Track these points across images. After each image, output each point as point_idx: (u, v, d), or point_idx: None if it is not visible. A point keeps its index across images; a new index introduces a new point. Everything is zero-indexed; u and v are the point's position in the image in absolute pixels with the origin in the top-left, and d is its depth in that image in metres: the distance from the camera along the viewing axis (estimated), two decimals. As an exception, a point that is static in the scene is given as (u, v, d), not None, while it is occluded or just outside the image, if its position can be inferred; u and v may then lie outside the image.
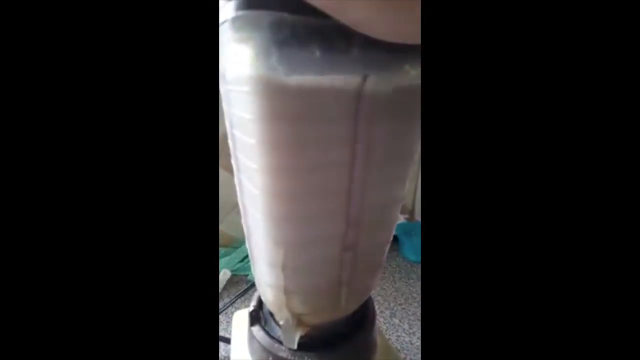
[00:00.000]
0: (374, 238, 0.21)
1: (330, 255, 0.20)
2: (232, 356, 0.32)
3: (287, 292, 0.21)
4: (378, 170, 0.18)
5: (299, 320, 0.23)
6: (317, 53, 0.14)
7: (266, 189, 0.17)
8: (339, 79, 0.15)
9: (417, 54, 0.15)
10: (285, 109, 0.15)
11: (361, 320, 0.27)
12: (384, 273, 0.63)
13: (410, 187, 0.88)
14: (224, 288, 0.56)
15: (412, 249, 0.68)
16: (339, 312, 0.24)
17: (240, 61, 0.15)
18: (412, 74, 0.16)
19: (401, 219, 0.82)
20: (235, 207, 0.65)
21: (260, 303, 0.29)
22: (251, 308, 0.28)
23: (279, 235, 0.19)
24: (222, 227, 0.66)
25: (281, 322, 0.24)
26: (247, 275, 0.60)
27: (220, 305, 0.53)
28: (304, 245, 0.19)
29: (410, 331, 0.49)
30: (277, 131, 0.16)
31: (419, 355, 0.45)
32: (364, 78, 0.15)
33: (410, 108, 0.17)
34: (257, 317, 0.28)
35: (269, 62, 0.14)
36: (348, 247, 0.20)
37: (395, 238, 0.74)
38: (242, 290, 0.56)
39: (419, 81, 0.16)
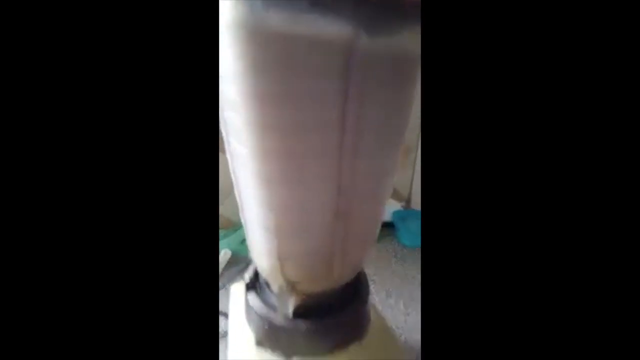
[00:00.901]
0: (365, 208, 0.21)
1: (322, 222, 0.20)
2: (230, 327, 0.33)
3: (280, 257, 0.22)
4: (369, 137, 0.18)
5: (292, 288, 0.24)
6: (305, 3, 0.14)
7: (255, 147, 0.17)
8: (327, 30, 0.14)
9: (414, 18, 0.15)
10: (271, 57, 0.15)
11: (354, 292, 0.28)
12: (381, 256, 0.64)
13: (406, 176, 0.88)
14: (225, 268, 0.57)
15: (407, 235, 0.68)
16: (332, 281, 0.24)
17: (228, 8, 0.14)
18: (411, 39, 0.16)
19: (397, 206, 0.82)
20: (233, 190, 0.66)
21: (256, 274, 0.30)
22: (247, 279, 0.29)
23: (270, 198, 0.19)
24: (221, 210, 0.66)
25: (275, 289, 0.25)
26: (246, 257, 0.61)
27: (220, 283, 0.54)
28: (295, 210, 0.20)
29: (405, 311, 0.50)
30: (263, 84, 0.15)
31: (413, 333, 0.46)
32: (355, 33, 0.15)
33: (405, 74, 0.18)
34: (253, 285, 0.29)
35: (256, 7, 0.14)
36: (340, 216, 0.20)
37: (392, 225, 0.75)
38: (241, 268, 0.57)
39: (415, 47, 0.16)
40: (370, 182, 0.21)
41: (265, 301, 0.27)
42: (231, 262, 0.59)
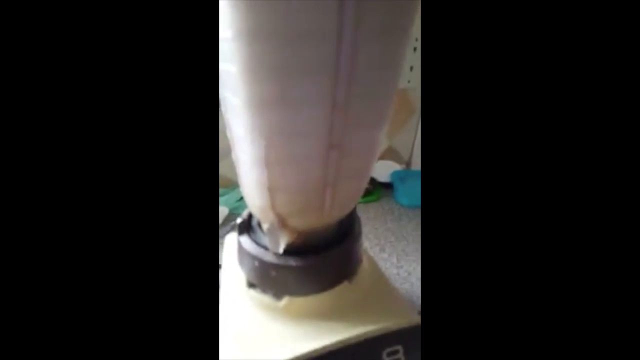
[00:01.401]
0: (361, 137, 0.20)
1: (315, 152, 0.20)
2: (222, 270, 0.34)
3: (271, 189, 0.21)
4: (367, 48, 0.17)
5: (283, 223, 0.24)
6: None
7: (242, 64, 0.16)
8: None
9: None
10: None
11: (346, 232, 0.28)
12: (377, 214, 0.64)
13: (408, 138, 0.87)
14: (222, 225, 0.58)
15: (405, 193, 0.68)
16: (323, 217, 0.24)
17: None
18: None
19: (397, 167, 0.82)
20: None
21: (249, 215, 0.30)
22: (239, 220, 0.29)
23: (261, 124, 0.18)
24: (220, 170, 0.66)
25: (266, 226, 0.25)
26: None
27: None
28: (286, 137, 0.19)
29: (398, 264, 0.51)
30: (256, 23, 0.14)
31: (405, 285, 0.48)
32: None
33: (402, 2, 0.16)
34: (246, 227, 0.29)
35: None
36: (334, 145, 0.20)
37: (390, 185, 0.75)
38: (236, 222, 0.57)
39: None
40: (367, 105, 0.19)
41: (256, 242, 0.28)
42: (228, 219, 0.60)
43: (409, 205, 0.68)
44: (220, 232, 0.57)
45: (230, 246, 0.38)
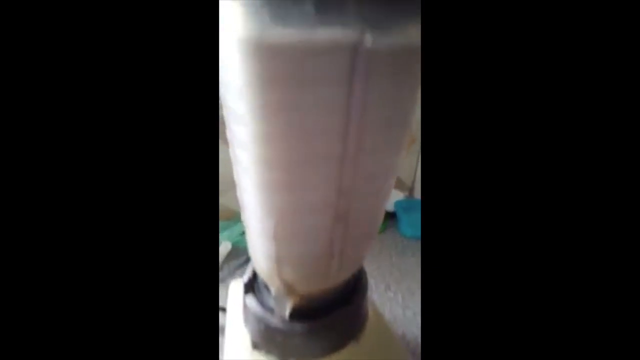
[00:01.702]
0: (366, 208, 0.21)
1: (322, 225, 0.20)
2: (227, 324, 0.33)
3: (278, 260, 0.21)
4: (372, 136, 0.17)
5: (290, 289, 0.24)
6: (311, 8, 0.13)
7: (257, 156, 0.17)
8: (333, 34, 0.14)
9: (416, 10, 0.15)
10: (276, 71, 0.14)
11: (352, 292, 0.28)
12: (381, 248, 0.64)
13: (410, 165, 0.87)
14: (225, 260, 0.58)
15: (409, 224, 0.68)
16: (330, 281, 0.24)
17: (231, 21, 0.14)
18: (413, 32, 0.15)
19: (401, 196, 0.82)
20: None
21: (254, 274, 0.30)
22: (246, 278, 0.29)
23: (270, 204, 0.18)
24: (224, 202, 0.66)
25: (273, 291, 0.25)
26: (246, 249, 0.61)
27: (220, 276, 0.54)
28: (295, 215, 0.19)
29: (404, 304, 0.51)
30: (268, 96, 0.15)
31: (411, 327, 0.47)
32: (361, 33, 0.14)
33: (409, 69, 0.17)
34: (251, 287, 0.29)
35: (259, 20, 0.13)
36: (340, 217, 0.20)
37: (394, 215, 0.74)
38: (241, 262, 0.57)
39: (419, 42, 0.15)
40: (372, 183, 0.20)
41: (262, 303, 0.27)
42: (232, 254, 0.59)
43: (413, 237, 0.67)
44: (225, 268, 0.56)
45: (235, 294, 0.37)
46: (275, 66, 0.14)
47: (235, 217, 0.69)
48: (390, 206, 0.76)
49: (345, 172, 0.17)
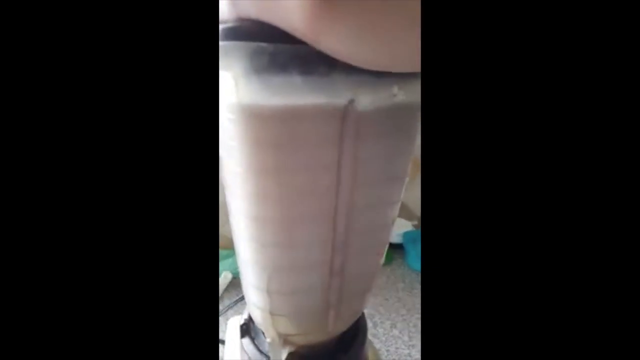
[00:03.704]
0: (362, 263, 0.20)
1: (317, 281, 0.20)
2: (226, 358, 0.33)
3: (273, 314, 0.21)
4: (364, 194, 0.17)
5: (285, 340, 0.23)
6: (298, 78, 0.14)
7: (251, 214, 0.17)
8: (321, 103, 0.15)
9: (405, 73, 0.15)
10: (268, 135, 0.15)
11: (351, 340, 0.27)
12: (387, 282, 0.62)
13: (417, 193, 0.86)
14: (225, 290, 0.57)
15: (418, 257, 0.66)
16: (327, 334, 0.23)
17: (223, 88, 0.14)
18: (399, 95, 0.16)
19: (409, 225, 0.80)
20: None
21: (251, 316, 0.29)
22: (242, 320, 0.28)
23: (264, 260, 0.18)
24: (224, 232, 0.66)
25: (268, 340, 0.24)
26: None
27: (221, 307, 0.53)
28: (289, 271, 0.19)
29: (410, 343, 0.48)
30: (260, 158, 0.15)
31: (418, 370, 0.44)
32: (349, 101, 0.15)
33: (398, 126, 0.17)
34: (247, 330, 0.28)
35: (249, 89, 0.14)
36: (335, 273, 0.20)
37: (401, 247, 0.72)
38: (241, 295, 0.56)
39: (406, 100, 0.16)
40: (366, 238, 0.20)
41: (258, 347, 0.26)
42: (232, 284, 0.59)
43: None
44: (226, 297, 0.55)
45: (233, 330, 0.37)
46: (266, 131, 0.14)
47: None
48: (398, 237, 0.74)
49: (338, 229, 0.17)
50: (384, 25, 0.11)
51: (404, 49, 0.12)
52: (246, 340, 0.27)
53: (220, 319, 0.50)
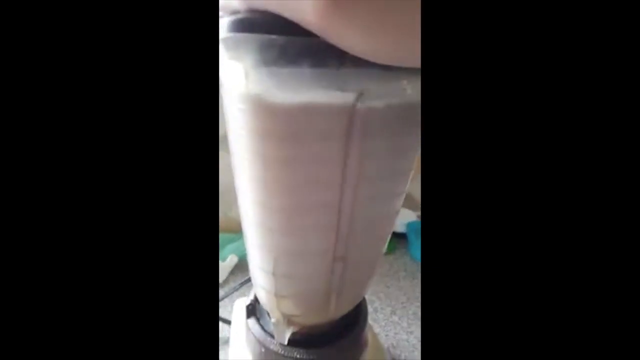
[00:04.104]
0: (364, 251, 0.21)
1: (320, 266, 0.20)
2: (231, 343, 0.34)
3: (277, 295, 0.22)
4: (370, 187, 0.18)
5: (289, 320, 0.24)
6: (308, 71, 0.14)
7: (258, 201, 0.17)
8: (331, 96, 0.15)
9: (415, 69, 0.15)
10: (276, 127, 0.15)
11: (352, 321, 0.28)
12: (389, 270, 0.63)
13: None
14: (231, 273, 0.59)
15: (420, 248, 0.67)
16: (329, 316, 0.24)
17: (233, 78, 0.15)
18: (408, 90, 0.16)
19: (413, 216, 0.81)
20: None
21: (256, 297, 0.30)
22: (248, 301, 0.30)
23: (271, 245, 0.19)
24: (234, 214, 0.67)
25: (273, 320, 0.25)
26: (254, 262, 0.62)
27: (227, 289, 0.55)
28: (294, 255, 0.20)
29: (409, 330, 0.50)
30: (268, 148, 0.16)
31: (415, 354, 0.46)
32: (358, 95, 0.15)
33: (405, 124, 0.17)
34: (253, 310, 0.29)
35: (259, 80, 0.14)
36: (338, 259, 0.20)
37: (405, 236, 0.73)
38: (247, 278, 0.58)
39: (415, 97, 0.16)
40: (370, 228, 0.20)
41: (263, 326, 0.28)
42: (238, 267, 0.60)
43: (423, 259, 0.66)
44: (230, 282, 0.57)
45: (239, 311, 0.38)
46: (274, 122, 0.15)
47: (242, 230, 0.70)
48: (402, 227, 0.75)
49: (342, 219, 0.18)
50: (396, 19, 0.12)
51: (415, 44, 0.12)
52: (252, 321, 0.29)
53: (227, 300, 0.52)
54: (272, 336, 0.27)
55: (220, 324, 0.46)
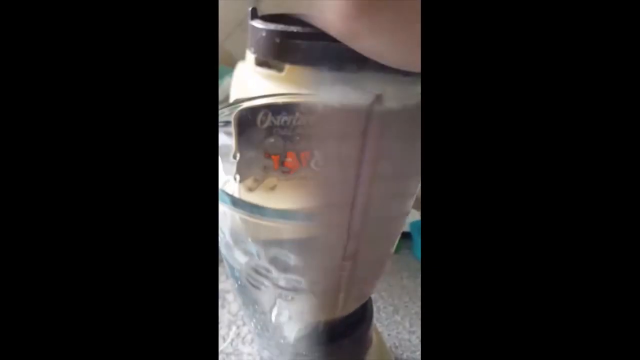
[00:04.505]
0: (375, 250, 0.21)
1: (330, 263, 0.21)
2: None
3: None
4: (383, 186, 0.18)
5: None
6: (328, 74, 0.15)
7: None
8: (349, 98, 0.15)
9: None
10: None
11: (358, 319, 0.28)
12: (392, 269, 0.63)
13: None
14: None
15: (424, 248, 0.67)
16: (336, 313, 0.25)
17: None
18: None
19: (417, 215, 0.81)
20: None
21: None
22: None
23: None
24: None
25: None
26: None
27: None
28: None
29: (411, 329, 0.50)
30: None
31: (417, 354, 0.46)
32: (376, 97, 0.15)
33: (419, 124, 0.17)
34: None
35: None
36: (348, 257, 0.21)
37: (409, 235, 0.73)
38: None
39: None
40: (381, 227, 0.21)
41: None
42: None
43: (426, 260, 0.67)
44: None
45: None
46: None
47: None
48: (406, 227, 0.75)
49: (355, 218, 0.18)
50: (419, 25, 0.12)
51: None
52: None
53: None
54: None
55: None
